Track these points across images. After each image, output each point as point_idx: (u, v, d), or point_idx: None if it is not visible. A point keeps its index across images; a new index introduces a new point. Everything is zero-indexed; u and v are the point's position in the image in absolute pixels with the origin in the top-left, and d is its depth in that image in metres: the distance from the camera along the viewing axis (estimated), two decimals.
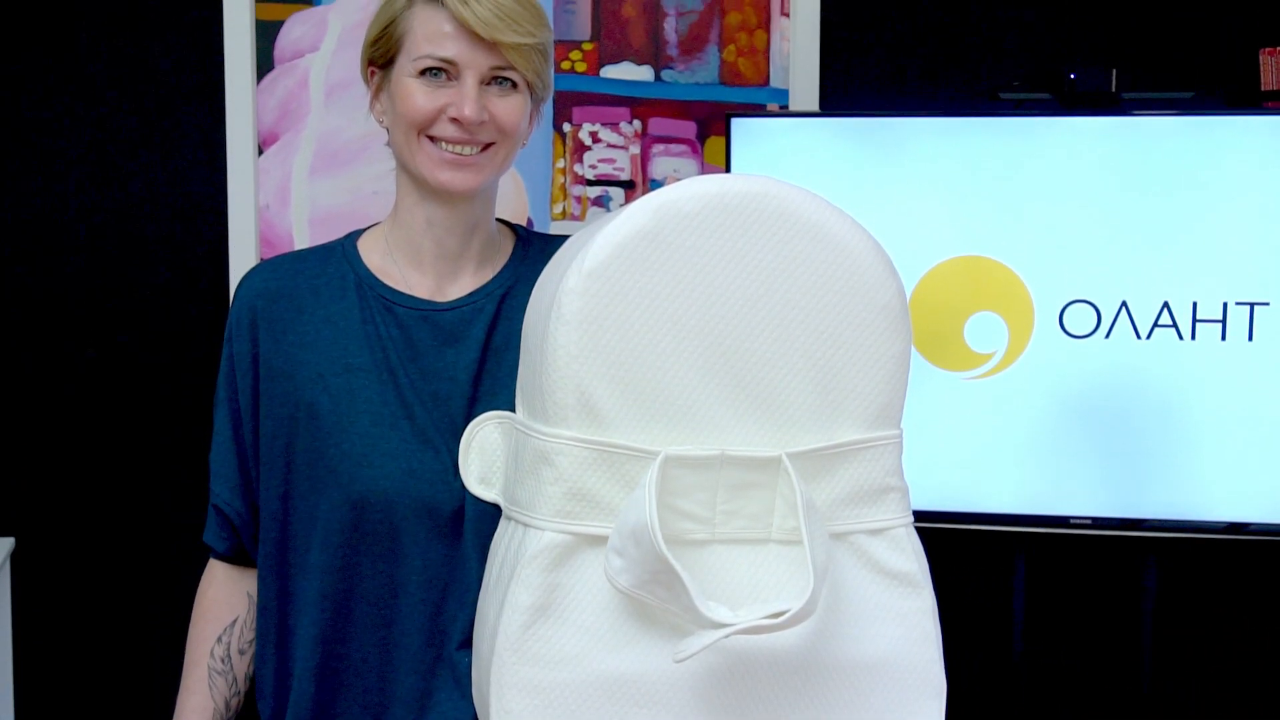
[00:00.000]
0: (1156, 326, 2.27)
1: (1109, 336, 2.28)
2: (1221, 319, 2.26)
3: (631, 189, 2.67)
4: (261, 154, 2.64)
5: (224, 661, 1.66)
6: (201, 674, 1.66)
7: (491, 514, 1.50)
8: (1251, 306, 2.25)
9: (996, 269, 2.30)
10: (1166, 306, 2.26)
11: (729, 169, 2.35)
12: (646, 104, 2.67)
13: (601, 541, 1.32)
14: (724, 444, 1.34)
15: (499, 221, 1.67)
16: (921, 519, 1.46)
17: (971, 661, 2.68)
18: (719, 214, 1.32)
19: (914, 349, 1.43)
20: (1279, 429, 2.26)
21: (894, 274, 1.38)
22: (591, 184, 2.67)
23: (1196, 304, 2.26)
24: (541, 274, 1.45)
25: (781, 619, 1.26)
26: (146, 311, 2.67)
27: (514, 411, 1.47)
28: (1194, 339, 2.26)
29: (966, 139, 2.29)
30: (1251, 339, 2.26)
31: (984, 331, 2.31)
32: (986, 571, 2.67)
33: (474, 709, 1.48)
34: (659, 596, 1.28)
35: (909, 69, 2.67)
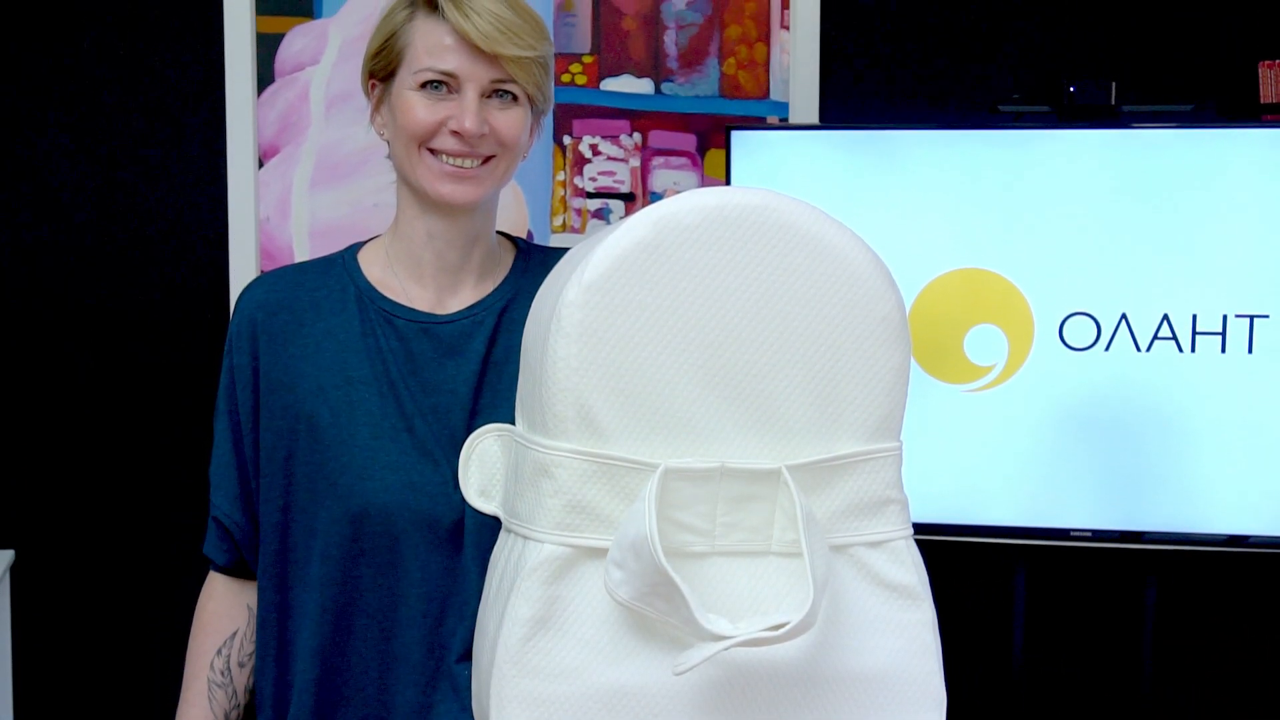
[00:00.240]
0: (1156, 339, 2.27)
1: (1109, 349, 2.28)
2: (1221, 331, 2.26)
3: (631, 201, 2.68)
4: (262, 166, 2.64)
5: (224, 674, 1.66)
6: (201, 686, 1.66)
7: (491, 526, 1.49)
8: (1251, 319, 2.25)
9: (996, 281, 2.30)
10: (1166, 319, 2.27)
11: (729, 181, 2.36)
12: (646, 117, 2.67)
13: (601, 554, 1.32)
14: (724, 456, 1.34)
15: (499, 234, 1.67)
16: (921, 531, 1.46)
17: (971, 674, 2.67)
18: (719, 227, 1.32)
19: (914, 361, 1.43)
20: (1279, 441, 2.26)
21: (893, 286, 1.38)
22: (591, 196, 2.68)
23: (1196, 316, 2.26)
24: (541, 286, 1.45)
25: (781, 631, 1.26)
26: (147, 323, 2.67)
27: (514, 424, 1.47)
28: (1194, 351, 2.26)
29: (966, 151, 2.29)
30: (1251, 351, 2.26)
31: (984, 344, 2.31)
32: (986, 584, 2.67)
33: None
34: (659, 609, 1.28)
35: (908, 81, 2.68)
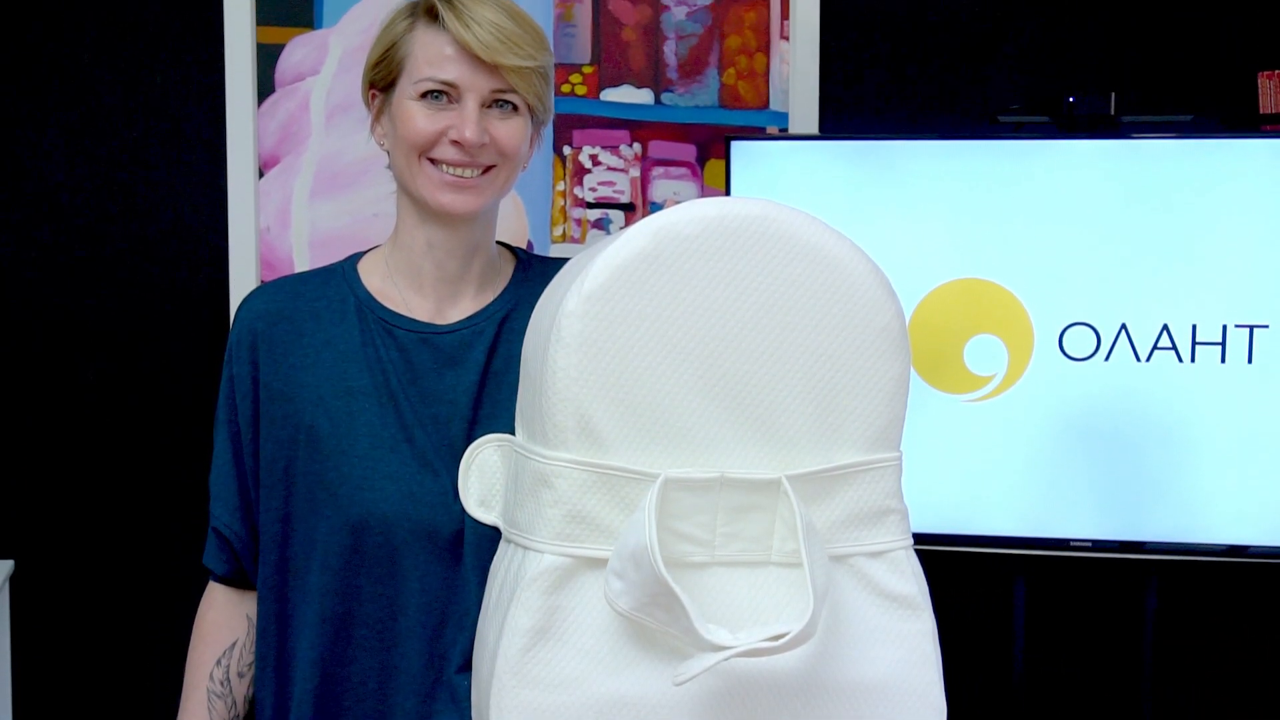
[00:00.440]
0: (1156, 349, 2.27)
1: (1109, 359, 2.28)
2: (1221, 341, 2.26)
3: (631, 211, 2.68)
4: (262, 176, 2.65)
5: (223, 684, 1.66)
6: (201, 697, 1.66)
7: (491, 537, 1.49)
8: (1251, 329, 2.25)
9: (996, 291, 2.30)
10: (1166, 329, 2.27)
11: (729, 192, 2.36)
12: (646, 127, 2.67)
13: (601, 564, 1.32)
14: (724, 466, 1.34)
15: (499, 244, 1.68)
16: (921, 541, 1.46)
17: (972, 684, 2.67)
18: (718, 237, 1.32)
19: (913, 371, 1.43)
20: (1278, 452, 2.26)
21: (893, 296, 1.38)
22: (591, 206, 2.68)
23: (1196, 326, 2.26)
24: (541, 297, 1.45)
25: (781, 641, 1.26)
26: (147, 333, 2.67)
27: (514, 434, 1.47)
28: (1193, 361, 2.26)
29: (966, 162, 2.29)
30: (1251, 361, 2.26)
31: (984, 354, 2.31)
32: (987, 594, 2.66)
33: None
34: (659, 619, 1.28)
35: (908, 92, 2.68)
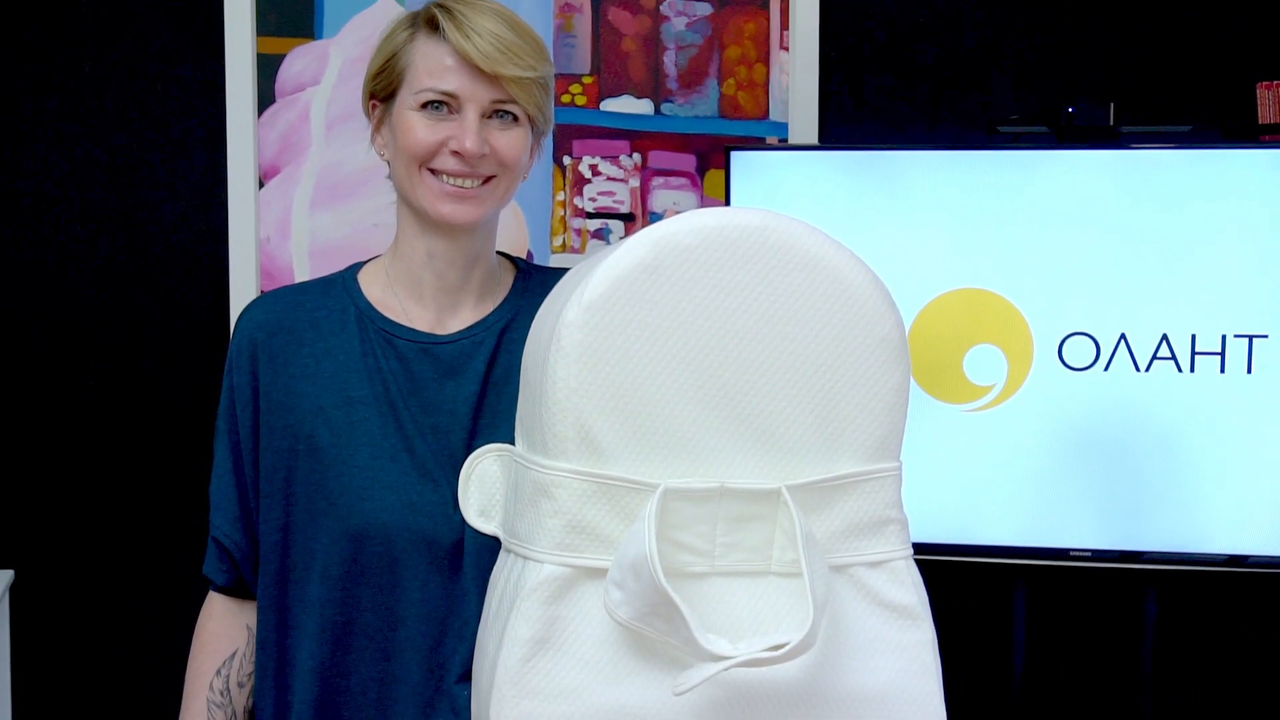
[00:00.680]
0: (1155, 359, 2.27)
1: (1108, 369, 2.28)
2: (1220, 351, 2.26)
3: (631, 222, 2.68)
4: (262, 187, 2.65)
5: (223, 694, 1.66)
6: (200, 707, 1.66)
7: (491, 547, 1.49)
8: (1250, 339, 2.25)
9: (995, 301, 2.30)
10: (1165, 339, 2.27)
11: (728, 202, 2.36)
12: (646, 137, 2.67)
13: (601, 574, 1.32)
14: (723, 476, 1.34)
15: (499, 254, 1.68)
16: (921, 551, 1.46)
17: (972, 694, 2.67)
18: (718, 247, 1.33)
19: (913, 381, 1.43)
20: (1278, 461, 2.26)
21: (893, 306, 1.38)
22: (591, 217, 2.68)
23: (1195, 336, 2.26)
24: (541, 307, 1.45)
25: (781, 651, 1.26)
26: (147, 343, 2.67)
27: (514, 444, 1.47)
28: (1193, 371, 2.26)
29: (965, 172, 2.30)
30: (1250, 371, 2.26)
31: (983, 364, 2.32)
32: (986, 604, 2.66)
33: None
34: (659, 629, 1.28)
35: (908, 102, 2.68)
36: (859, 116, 2.68)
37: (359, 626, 1.55)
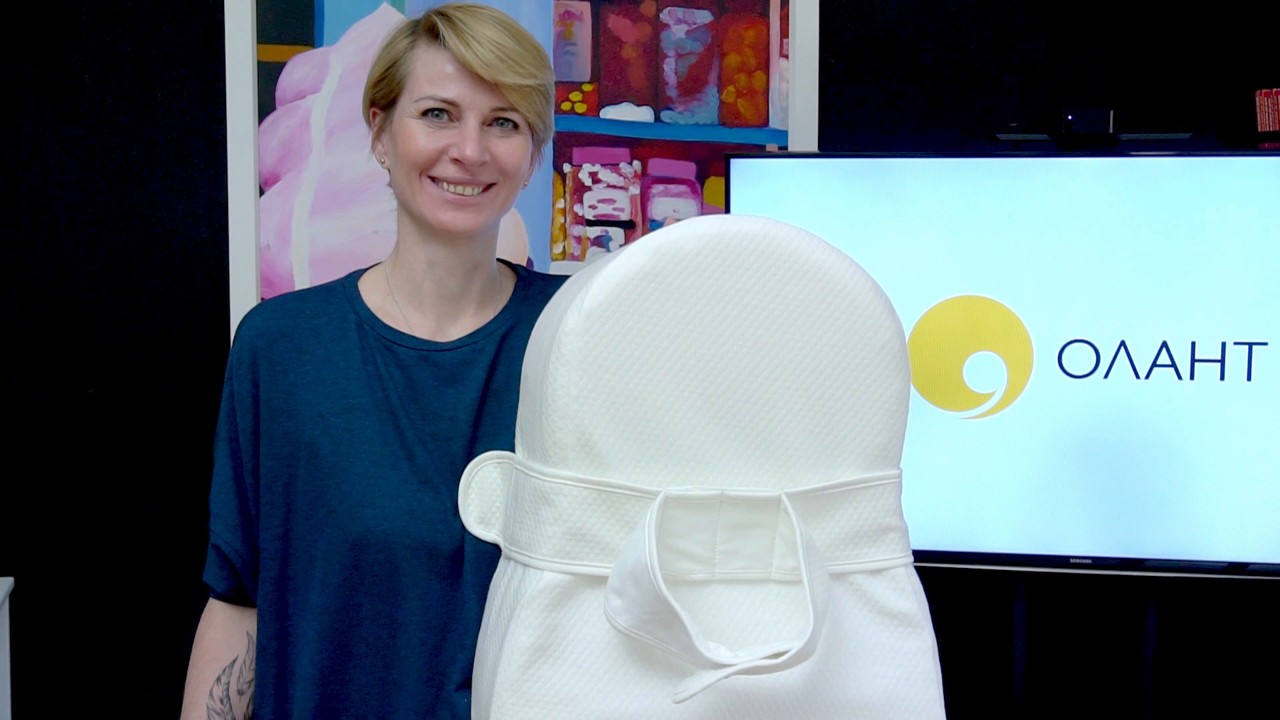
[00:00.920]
0: (1155, 366, 2.27)
1: (1108, 376, 2.28)
2: (1220, 359, 2.26)
3: (631, 229, 2.68)
4: (263, 194, 2.65)
5: (223, 702, 1.66)
6: (200, 714, 1.65)
7: (491, 554, 1.50)
8: (1250, 346, 2.25)
9: (995, 309, 2.31)
10: (1165, 346, 2.27)
11: (728, 209, 2.36)
12: (646, 145, 2.68)
13: (601, 582, 1.32)
14: (724, 484, 1.34)
15: (500, 262, 1.68)
16: (921, 558, 1.46)
17: (972, 702, 2.67)
18: (718, 255, 1.33)
19: (913, 389, 1.43)
20: (1278, 469, 2.26)
21: (893, 314, 1.38)
22: (591, 224, 2.68)
23: (1195, 344, 2.26)
24: (541, 314, 1.45)
25: (781, 659, 1.26)
26: (147, 350, 2.67)
27: (514, 451, 1.47)
28: (1193, 379, 2.26)
29: (965, 180, 2.30)
30: (1250, 379, 2.26)
31: (983, 371, 2.32)
32: (986, 611, 2.66)
33: None
34: (659, 637, 1.28)
35: (907, 110, 2.69)
36: (859, 124, 2.68)
37: (359, 634, 1.55)
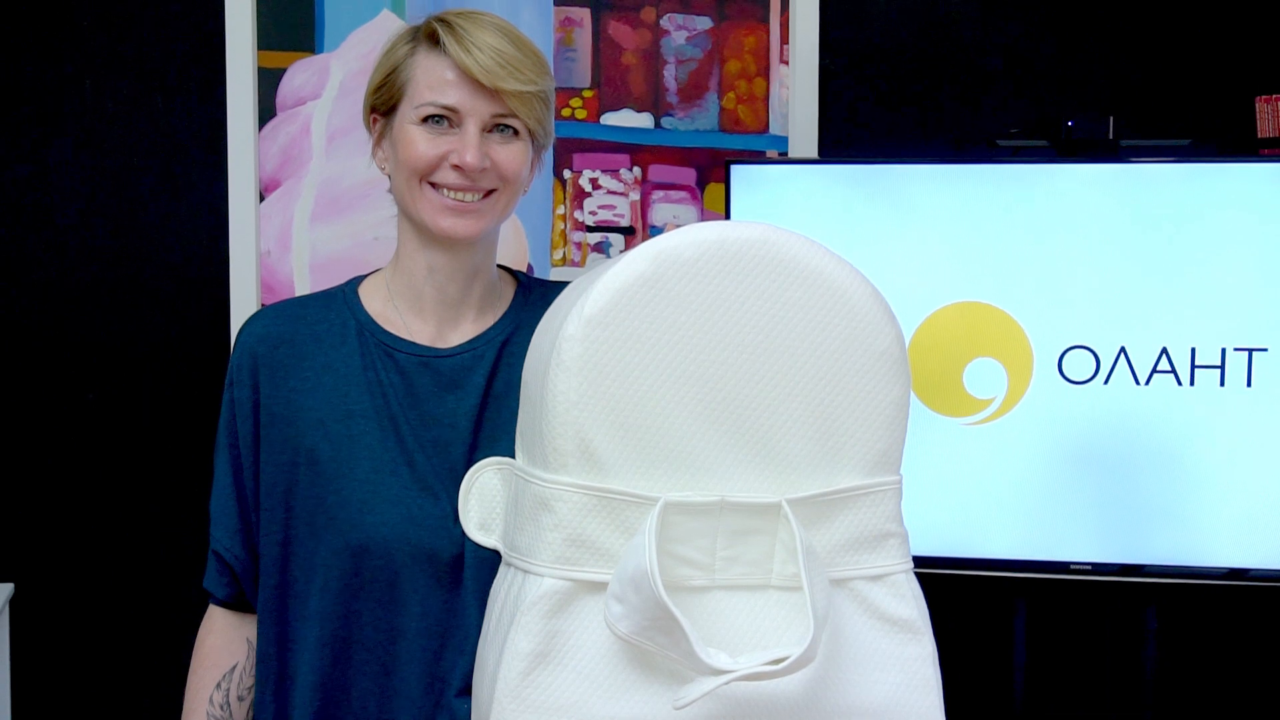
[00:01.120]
0: (1155, 372, 2.27)
1: (1108, 382, 2.28)
2: (1220, 365, 2.26)
3: (631, 235, 2.68)
4: (263, 200, 2.65)
5: (223, 708, 1.65)
6: None
7: (491, 560, 1.49)
8: (1250, 352, 2.26)
9: (995, 315, 2.31)
10: (1165, 352, 2.27)
11: (728, 215, 2.36)
12: (646, 151, 2.68)
13: (601, 588, 1.32)
14: (724, 490, 1.34)
15: (500, 268, 1.68)
16: (921, 565, 1.46)
17: (972, 708, 2.66)
18: (718, 261, 1.33)
19: (913, 395, 1.43)
20: (1278, 475, 2.26)
21: (893, 320, 1.38)
22: (592, 230, 2.68)
23: (1195, 350, 2.26)
24: (541, 320, 1.45)
25: (782, 665, 1.26)
26: (147, 356, 2.67)
27: (514, 458, 1.47)
28: (1193, 385, 2.26)
29: (965, 186, 2.30)
30: (1250, 385, 2.26)
31: (983, 377, 2.32)
32: (987, 618, 2.66)
33: None
34: (659, 643, 1.28)
35: (907, 116, 2.69)
36: (859, 130, 2.69)
37: (359, 640, 1.55)
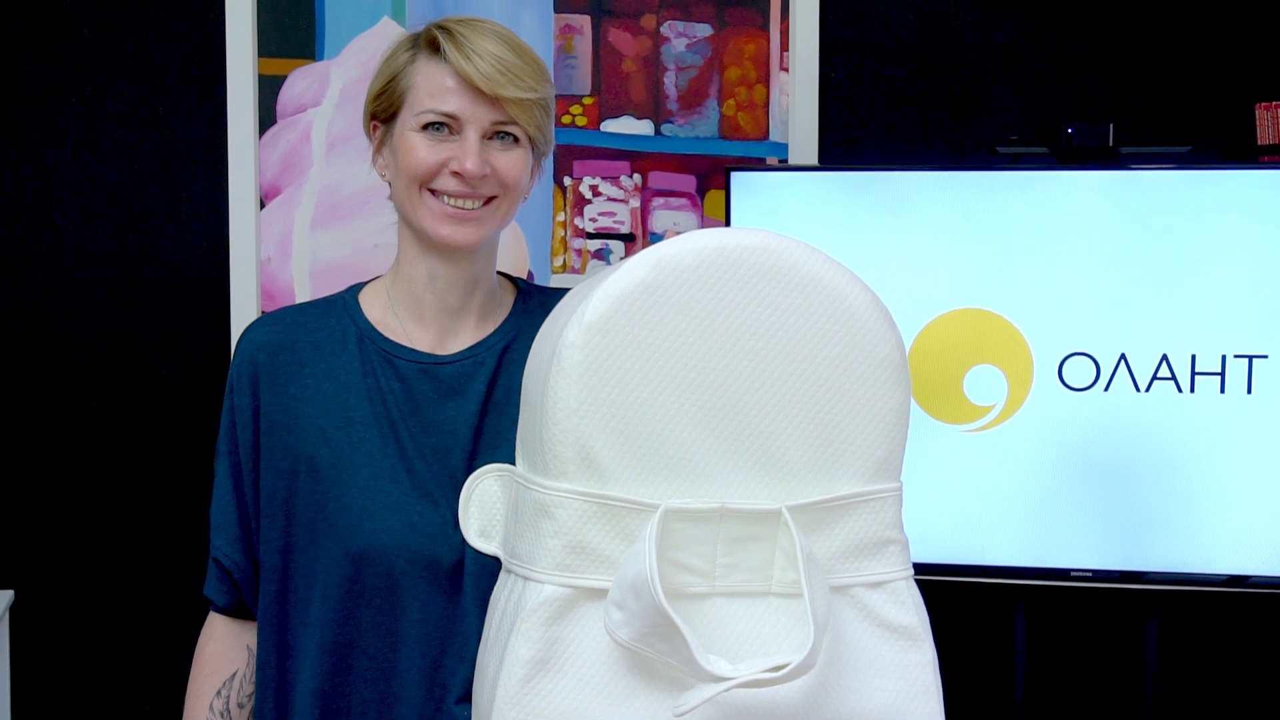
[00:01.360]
0: (1155, 379, 2.27)
1: (1108, 389, 2.28)
2: (1220, 371, 2.26)
3: (631, 242, 2.69)
4: (263, 207, 2.65)
5: (223, 715, 1.65)
6: None
7: (491, 567, 1.49)
8: (1250, 359, 2.26)
9: (995, 322, 2.31)
10: (1165, 359, 2.27)
11: (728, 222, 2.36)
12: (646, 158, 2.68)
13: (601, 594, 1.32)
14: (724, 497, 1.34)
15: (500, 275, 1.68)
16: (921, 571, 1.46)
17: (973, 715, 2.66)
18: (718, 268, 1.33)
19: (913, 402, 1.43)
20: (1278, 481, 2.26)
21: (893, 327, 1.38)
22: (592, 237, 2.68)
23: (1195, 356, 2.26)
24: (542, 327, 1.45)
25: (782, 672, 1.26)
26: (148, 363, 2.67)
27: (514, 464, 1.47)
28: (1193, 391, 2.27)
29: (965, 193, 2.30)
30: (1250, 391, 2.26)
31: (983, 384, 2.32)
32: (987, 624, 2.66)
33: None
34: (659, 650, 1.28)
35: (907, 123, 2.69)
36: (858, 137, 2.69)
37: (359, 647, 1.55)
